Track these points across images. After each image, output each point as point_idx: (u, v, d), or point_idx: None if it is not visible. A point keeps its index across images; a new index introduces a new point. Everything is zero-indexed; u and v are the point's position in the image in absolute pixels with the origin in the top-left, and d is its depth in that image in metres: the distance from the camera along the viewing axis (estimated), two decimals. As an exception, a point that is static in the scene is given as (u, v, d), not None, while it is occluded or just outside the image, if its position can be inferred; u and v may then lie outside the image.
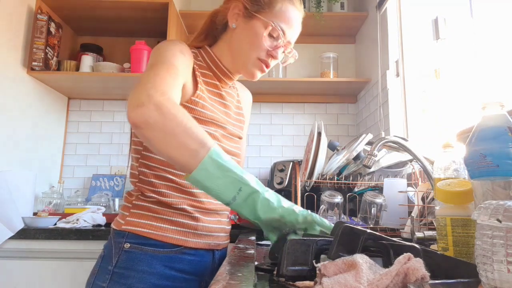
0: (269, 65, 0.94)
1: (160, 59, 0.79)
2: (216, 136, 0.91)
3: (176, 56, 0.81)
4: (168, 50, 0.82)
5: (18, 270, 1.54)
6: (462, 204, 0.65)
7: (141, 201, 0.87)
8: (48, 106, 2.16)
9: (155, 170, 0.87)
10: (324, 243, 0.53)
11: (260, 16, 0.89)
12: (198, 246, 0.88)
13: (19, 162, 1.89)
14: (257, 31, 0.89)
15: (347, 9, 2.34)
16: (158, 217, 0.85)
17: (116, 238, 0.85)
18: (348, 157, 1.37)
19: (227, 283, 0.47)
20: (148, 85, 0.69)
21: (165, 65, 0.76)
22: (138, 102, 0.65)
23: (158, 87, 0.69)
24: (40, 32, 1.93)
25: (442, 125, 1.65)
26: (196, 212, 0.88)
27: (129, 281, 0.81)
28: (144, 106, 0.65)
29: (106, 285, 0.81)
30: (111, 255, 0.84)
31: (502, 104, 0.60)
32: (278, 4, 0.90)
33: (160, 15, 2.05)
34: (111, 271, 0.82)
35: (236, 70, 0.98)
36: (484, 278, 0.40)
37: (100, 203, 2.00)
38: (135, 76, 2.02)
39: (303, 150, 2.03)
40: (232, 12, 0.93)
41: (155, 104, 0.65)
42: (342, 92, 2.37)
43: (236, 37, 0.93)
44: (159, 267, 0.83)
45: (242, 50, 0.92)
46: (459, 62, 1.54)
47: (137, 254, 0.83)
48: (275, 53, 0.92)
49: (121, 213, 0.89)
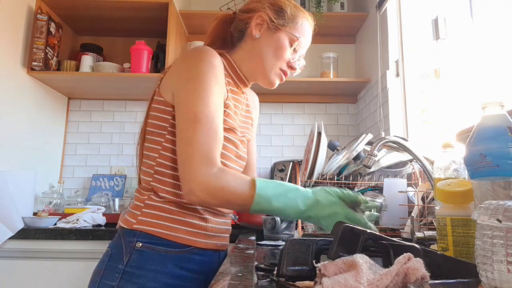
0: (287, 75, 1.00)
1: (199, 106, 0.81)
2: (235, 142, 0.94)
3: (213, 92, 0.83)
4: (206, 85, 0.83)
5: (18, 270, 1.54)
6: (462, 204, 0.65)
7: (154, 201, 0.87)
8: (48, 106, 2.16)
9: (173, 170, 0.87)
10: (324, 243, 0.53)
11: (285, 29, 0.96)
12: (207, 246, 0.90)
13: (19, 162, 1.89)
14: (283, 44, 0.95)
15: (347, 9, 2.34)
16: (170, 217, 0.86)
17: (127, 237, 0.85)
18: (348, 157, 1.37)
19: (227, 283, 0.47)
20: (193, 162, 0.77)
21: (205, 126, 0.80)
22: (189, 190, 0.77)
23: (204, 166, 0.77)
24: (40, 32, 1.93)
25: (442, 125, 1.65)
26: (206, 213, 0.90)
27: (141, 280, 0.81)
28: (195, 195, 0.77)
29: (116, 284, 0.81)
30: (121, 254, 0.84)
31: (502, 104, 0.60)
32: (300, 20, 0.98)
33: (160, 15, 2.05)
34: (121, 270, 0.82)
35: (254, 78, 1.01)
36: (484, 278, 0.40)
37: (100, 203, 2.00)
38: (135, 76, 2.02)
39: (303, 150, 2.03)
40: (256, 22, 0.96)
41: (203, 192, 0.76)
42: (342, 92, 2.37)
43: (260, 47, 0.96)
44: (171, 267, 0.84)
45: (266, 60, 0.96)
46: (459, 62, 1.54)
47: (149, 254, 0.83)
48: (295, 65, 0.99)
49: (132, 211, 0.89)
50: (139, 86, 2.17)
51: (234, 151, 0.94)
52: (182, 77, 0.85)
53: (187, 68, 0.86)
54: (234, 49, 1.00)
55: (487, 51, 1.32)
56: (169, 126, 0.87)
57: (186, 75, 0.85)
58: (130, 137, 2.37)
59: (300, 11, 1.00)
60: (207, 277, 0.90)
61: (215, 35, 1.02)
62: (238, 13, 1.01)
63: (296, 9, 0.99)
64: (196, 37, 2.43)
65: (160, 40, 2.16)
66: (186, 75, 0.84)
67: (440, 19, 1.59)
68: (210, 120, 0.80)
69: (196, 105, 0.81)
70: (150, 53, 2.08)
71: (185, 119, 0.81)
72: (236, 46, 1.00)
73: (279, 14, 0.96)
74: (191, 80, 0.83)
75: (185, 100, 0.82)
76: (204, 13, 2.27)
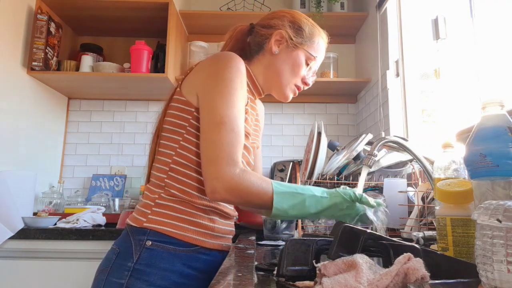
0: (301, 90, 1.06)
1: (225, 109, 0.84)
2: (248, 148, 0.96)
3: (238, 97, 0.87)
4: (232, 90, 0.86)
5: (18, 270, 1.54)
6: (462, 204, 0.65)
7: (164, 200, 0.88)
8: (48, 106, 2.16)
9: (188, 169, 0.89)
10: (324, 243, 0.54)
11: (303, 48, 1.01)
12: (213, 246, 0.91)
13: (19, 162, 1.89)
14: (300, 61, 1.01)
15: (347, 9, 2.34)
16: (180, 216, 0.87)
17: (136, 235, 0.86)
18: (348, 157, 1.37)
19: (227, 283, 0.47)
20: (218, 162, 0.81)
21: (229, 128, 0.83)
22: (213, 189, 0.80)
23: (229, 166, 0.80)
24: (40, 32, 1.93)
25: (442, 125, 1.65)
26: (213, 214, 0.92)
27: (150, 278, 0.82)
28: (218, 193, 0.80)
29: (125, 282, 0.82)
30: (130, 252, 0.85)
31: (502, 104, 0.60)
32: (316, 39, 1.03)
33: (160, 15, 2.05)
34: (131, 267, 0.83)
35: (269, 90, 1.06)
36: (484, 278, 0.40)
37: (100, 203, 2.00)
38: (135, 76, 2.02)
39: (303, 150, 2.03)
40: (275, 38, 1.00)
41: (226, 190, 0.80)
42: (342, 92, 2.37)
43: (278, 63, 1.01)
44: (179, 265, 0.85)
45: (283, 76, 1.01)
46: (459, 62, 1.54)
47: (158, 252, 0.84)
48: (309, 81, 1.05)
49: (142, 210, 0.90)
50: (139, 86, 2.17)
51: (246, 157, 0.96)
52: (210, 80, 0.88)
53: (215, 71, 0.89)
54: (252, 60, 1.04)
55: (487, 51, 1.32)
56: (189, 125, 0.90)
57: (213, 79, 0.88)
58: (130, 137, 2.37)
59: (317, 30, 1.04)
60: (211, 277, 0.91)
61: (233, 44, 1.06)
62: (258, 27, 1.05)
63: (313, 27, 1.04)
64: (196, 37, 2.43)
65: (160, 40, 2.16)
66: (214, 78, 0.88)
67: (440, 19, 1.59)
68: (234, 122, 0.84)
69: (222, 108, 0.84)
70: (150, 53, 2.08)
71: (211, 120, 0.84)
72: (253, 57, 1.04)
73: (298, 33, 1.01)
74: (218, 83, 0.87)
75: (212, 103, 0.85)
76: (204, 13, 2.27)
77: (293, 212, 0.83)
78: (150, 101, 2.41)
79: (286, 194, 0.83)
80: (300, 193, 0.84)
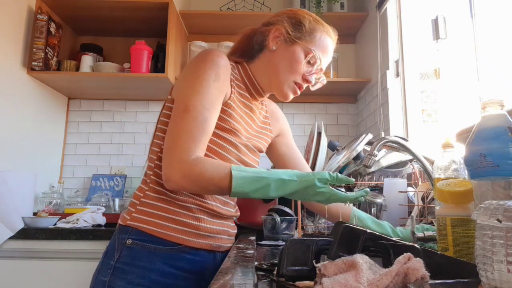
0: (302, 88, 1.01)
1: (191, 99, 0.83)
2: (237, 145, 0.94)
3: (210, 88, 0.85)
4: (203, 81, 0.85)
5: (18, 270, 1.54)
6: (462, 204, 0.65)
7: (149, 198, 0.89)
8: (48, 106, 2.16)
9: None
10: (324, 243, 0.54)
11: (302, 43, 0.96)
12: (199, 246, 0.90)
13: (19, 162, 1.89)
14: (298, 57, 0.96)
15: (347, 9, 2.34)
16: (163, 215, 0.87)
17: (120, 234, 0.88)
18: (348, 157, 1.37)
19: (227, 283, 0.47)
20: (173, 150, 0.80)
21: (192, 116, 0.82)
22: (167, 177, 0.79)
23: (184, 153, 0.79)
24: (40, 32, 1.93)
25: (442, 125, 1.65)
26: (200, 213, 0.90)
27: (129, 276, 0.83)
28: (173, 181, 0.79)
29: (107, 280, 0.83)
30: (113, 251, 0.86)
31: (502, 104, 0.60)
32: (318, 34, 0.98)
33: (160, 15, 2.05)
34: (112, 266, 0.84)
35: (270, 89, 1.03)
36: (484, 278, 0.40)
37: (100, 203, 2.00)
38: (135, 76, 2.02)
39: (303, 150, 2.03)
40: (273, 35, 0.98)
41: (180, 177, 0.78)
42: (342, 92, 2.37)
43: (276, 59, 0.98)
44: (159, 264, 0.85)
45: (280, 72, 0.98)
46: (459, 62, 1.54)
47: (138, 250, 0.85)
48: (310, 78, 1.00)
49: (128, 209, 0.91)
50: (139, 86, 2.17)
51: (235, 154, 0.95)
52: (183, 73, 0.90)
53: (190, 65, 0.90)
54: (253, 59, 1.03)
55: (487, 51, 1.32)
56: None
57: (187, 72, 0.89)
58: (130, 137, 2.37)
59: (320, 25, 1.00)
60: (201, 277, 0.91)
61: (237, 46, 1.06)
62: (260, 26, 1.04)
63: (316, 23, 0.99)
64: (196, 37, 2.43)
65: (160, 40, 2.16)
66: (187, 71, 0.89)
67: (440, 19, 1.59)
68: (198, 111, 0.82)
69: (188, 97, 0.83)
70: (150, 53, 2.08)
71: (177, 109, 0.84)
72: (255, 57, 1.03)
73: (296, 27, 0.98)
74: (190, 74, 0.87)
75: (181, 92, 0.86)
76: (204, 13, 2.27)
77: (255, 195, 0.81)
78: (150, 101, 2.41)
79: (247, 179, 0.80)
80: (265, 177, 0.81)
